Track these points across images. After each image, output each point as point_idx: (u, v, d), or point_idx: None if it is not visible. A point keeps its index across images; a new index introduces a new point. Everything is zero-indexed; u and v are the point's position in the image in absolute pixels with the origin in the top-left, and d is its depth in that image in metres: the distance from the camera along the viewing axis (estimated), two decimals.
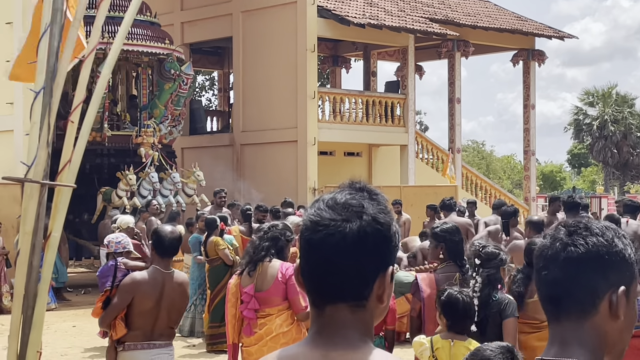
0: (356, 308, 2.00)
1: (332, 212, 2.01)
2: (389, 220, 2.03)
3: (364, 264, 1.99)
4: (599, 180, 60.82)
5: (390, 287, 2.04)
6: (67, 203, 2.88)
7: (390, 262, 2.04)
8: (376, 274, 2.00)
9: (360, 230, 1.98)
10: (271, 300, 7.30)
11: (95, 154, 20.47)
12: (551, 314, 2.09)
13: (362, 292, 1.99)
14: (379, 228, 2.00)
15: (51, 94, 2.74)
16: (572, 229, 2.08)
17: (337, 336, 1.99)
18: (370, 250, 1.99)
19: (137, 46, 20.67)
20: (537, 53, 31.30)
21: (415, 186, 25.89)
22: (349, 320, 1.99)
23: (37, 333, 2.82)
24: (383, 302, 2.02)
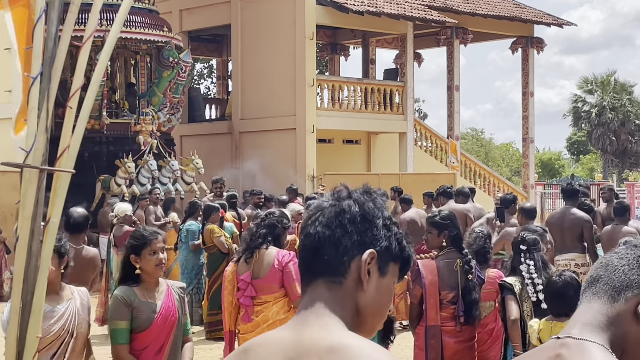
0: (332, 284, 2.05)
1: (327, 201, 2.15)
2: (375, 209, 2.11)
3: (338, 238, 2.06)
4: (598, 168, 60.87)
5: (377, 276, 2.08)
6: (66, 189, 2.89)
7: (371, 246, 2.07)
8: (352, 253, 2.06)
9: (339, 207, 2.09)
10: (268, 288, 7.31)
11: (93, 141, 20.45)
12: (585, 295, 2.19)
13: (337, 268, 2.05)
14: (357, 210, 2.09)
15: (49, 80, 2.74)
16: None
17: (312, 315, 2.04)
18: (346, 226, 2.07)
19: (136, 34, 20.63)
20: (535, 40, 31.27)
21: (414, 174, 25.90)
22: (324, 297, 2.05)
23: (37, 319, 2.83)
24: (364, 288, 2.06)
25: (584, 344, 2.06)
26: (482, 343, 7.49)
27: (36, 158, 2.75)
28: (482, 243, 7.77)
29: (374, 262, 2.07)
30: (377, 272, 2.08)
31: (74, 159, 2.85)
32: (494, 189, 30.28)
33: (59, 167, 2.80)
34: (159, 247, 5.53)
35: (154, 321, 5.45)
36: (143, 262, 5.47)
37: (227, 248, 12.79)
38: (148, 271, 5.50)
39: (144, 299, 5.46)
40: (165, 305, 5.52)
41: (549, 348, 2.12)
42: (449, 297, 6.99)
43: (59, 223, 2.97)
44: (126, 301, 5.40)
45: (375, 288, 2.08)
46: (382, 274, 2.10)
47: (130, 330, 5.43)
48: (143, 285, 5.52)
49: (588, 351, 2.05)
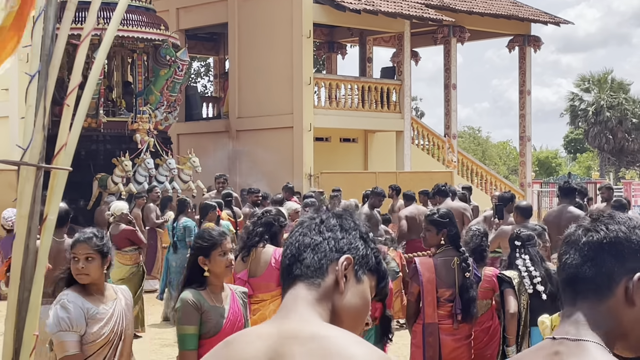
0: (311, 285, 2.17)
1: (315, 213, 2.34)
2: (352, 223, 2.27)
3: (317, 244, 2.21)
4: (595, 166, 60.93)
5: (353, 281, 2.19)
6: (63, 186, 2.88)
7: (348, 253, 2.20)
8: (330, 257, 2.20)
9: (318, 218, 2.26)
10: (265, 286, 7.32)
11: (90, 140, 20.44)
12: (568, 296, 2.15)
13: (315, 270, 2.18)
14: (335, 221, 2.25)
15: (47, 77, 2.74)
16: (595, 217, 2.17)
17: (291, 311, 2.14)
18: (324, 233, 2.23)
19: (133, 32, 20.62)
20: (532, 39, 31.28)
21: (411, 172, 25.90)
22: (303, 296, 2.16)
23: (34, 316, 2.83)
24: (341, 291, 2.17)
25: (581, 343, 2.05)
26: (479, 341, 7.50)
27: (33, 156, 2.75)
28: (479, 241, 7.78)
29: (350, 267, 2.19)
30: (354, 277, 2.20)
31: (71, 157, 2.84)
32: (491, 187, 30.30)
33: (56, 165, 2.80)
34: (228, 247, 5.30)
35: (223, 327, 5.17)
36: (213, 264, 5.21)
37: None
38: (217, 273, 5.24)
39: (212, 302, 5.20)
40: (232, 310, 5.27)
41: (545, 348, 2.10)
42: (446, 295, 7.00)
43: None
44: (196, 305, 5.13)
45: (351, 292, 2.19)
46: (358, 280, 2.21)
47: (198, 335, 5.17)
48: (210, 289, 5.24)
49: (587, 350, 2.03)
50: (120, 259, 12.64)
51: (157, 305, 14.68)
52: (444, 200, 14.35)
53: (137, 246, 12.75)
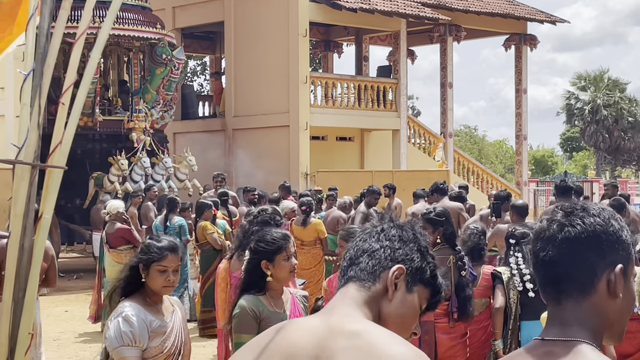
0: (361, 287, 2.29)
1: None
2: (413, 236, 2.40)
3: (374, 250, 2.34)
4: (591, 165, 60.99)
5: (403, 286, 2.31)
6: (58, 185, 2.88)
7: (402, 264, 2.32)
8: (384, 264, 2.31)
9: (380, 227, 2.39)
10: None
11: (86, 139, 20.42)
12: (550, 295, 2.12)
13: (368, 274, 2.31)
14: (395, 231, 2.38)
15: (42, 76, 2.73)
16: (569, 210, 2.13)
17: (339, 307, 2.26)
18: (382, 241, 2.35)
19: (129, 31, 20.59)
20: (529, 38, 31.30)
21: (408, 171, 25.89)
22: (352, 296, 2.27)
23: (29, 315, 2.82)
24: (389, 298, 2.29)
25: (571, 343, 2.03)
26: (476, 340, 7.51)
27: (28, 154, 2.74)
28: (477, 240, 7.78)
29: (402, 277, 2.31)
30: (405, 287, 2.32)
31: (66, 156, 2.84)
32: (487, 186, 30.31)
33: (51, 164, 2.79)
34: (292, 251, 5.05)
35: None
36: (276, 269, 4.97)
37: (220, 245, 12.79)
38: (281, 278, 5.02)
39: (272, 308, 4.96)
40: (293, 315, 5.01)
41: (535, 348, 2.08)
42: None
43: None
44: (255, 313, 4.90)
45: (400, 301, 2.30)
46: (408, 290, 2.33)
47: None
48: (270, 294, 5.00)
49: (578, 350, 2.02)
50: (116, 258, 12.63)
51: None
52: (441, 199, 14.34)
53: (132, 245, 12.73)
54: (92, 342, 12.48)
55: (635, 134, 54.73)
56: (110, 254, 12.66)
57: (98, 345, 12.20)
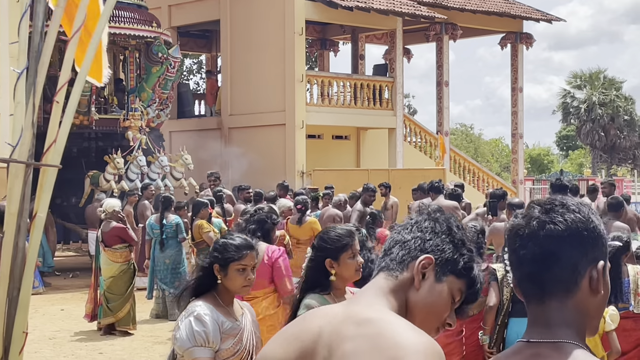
0: (389, 276, 2.33)
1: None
2: (446, 228, 2.41)
3: (405, 241, 2.38)
4: (587, 163, 61.02)
5: (432, 276, 2.33)
6: (53, 183, 2.87)
7: (431, 254, 2.34)
8: (413, 254, 2.35)
9: (415, 219, 2.43)
10: (257, 283, 7.30)
11: (82, 137, 20.40)
12: (532, 293, 2.07)
13: (397, 264, 2.34)
14: (428, 223, 2.41)
15: (36, 74, 2.72)
16: (548, 206, 2.08)
17: (363, 297, 2.32)
18: (414, 232, 2.39)
19: (125, 29, 20.57)
20: (524, 36, 31.31)
21: (404, 169, 25.89)
22: (379, 285, 2.33)
23: (23, 314, 2.82)
24: (416, 287, 2.32)
25: (559, 344, 2.00)
26: (475, 338, 7.51)
27: (22, 153, 2.73)
28: (475, 238, 7.78)
29: (430, 267, 2.33)
30: (434, 277, 2.33)
31: (60, 154, 2.83)
32: (483, 184, 30.33)
33: (45, 162, 2.78)
34: (358, 249, 4.84)
35: None
36: (342, 267, 4.74)
37: None
38: (346, 277, 4.80)
39: None
40: None
41: (521, 351, 2.04)
42: None
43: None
44: None
45: (428, 290, 2.33)
46: (437, 280, 2.34)
47: None
48: (334, 293, 4.75)
49: (566, 351, 1.99)
50: (111, 257, 12.63)
51: (148, 303, 14.66)
52: (437, 197, 14.36)
53: (127, 244, 12.73)
54: (88, 341, 12.47)
55: (631, 132, 54.80)
56: (105, 253, 12.65)
57: (94, 344, 12.20)
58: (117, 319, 12.74)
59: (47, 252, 18.28)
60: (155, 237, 14.14)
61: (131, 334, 12.83)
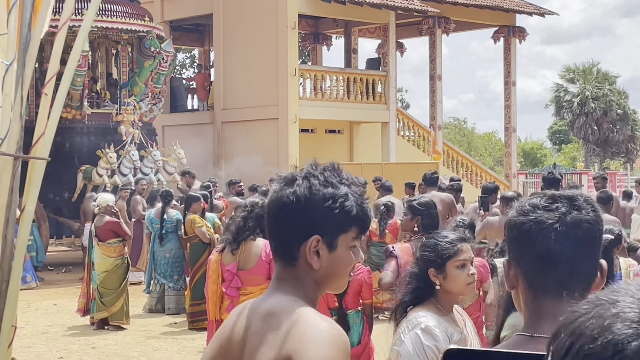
0: (287, 267, 2.29)
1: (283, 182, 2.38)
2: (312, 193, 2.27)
3: (285, 229, 2.29)
4: (580, 157, 61.08)
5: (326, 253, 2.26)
6: (42, 176, 2.85)
7: (315, 232, 2.25)
8: (299, 240, 2.26)
9: (281, 199, 2.30)
10: (254, 279, 7.31)
11: (75, 132, 20.35)
12: (553, 291, 2.06)
13: (288, 254, 2.28)
14: (293, 200, 2.27)
15: (24, 66, 2.71)
16: (576, 203, 2.07)
17: (273, 289, 2.29)
18: (287, 218, 2.28)
19: (117, 23, 20.52)
20: (517, 30, 31.30)
21: (397, 163, 25.91)
22: (282, 276, 2.29)
23: (12, 308, 2.80)
24: (312, 267, 2.24)
25: None
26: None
27: (10, 145, 2.72)
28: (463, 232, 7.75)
29: (320, 243, 2.26)
30: (326, 250, 2.27)
31: (49, 147, 2.82)
32: (476, 178, 30.34)
33: (34, 155, 2.77)
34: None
35: None
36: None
37: (209, 238, 12.78)
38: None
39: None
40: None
41: (520, 345, 2.02)
42: None
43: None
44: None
45: (327, 263, 2.27)
46: (331, 249, 2.28)
47: None
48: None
49: None
50: (105, 251, 12.62)
51: (141, 297, 14.66)
52: (431, 190, 14.34)
53: (121, 238, 12.72)
54: (80, 335, 12.45)
55: (624, 126, 54.83)
56: (99, 248, 12.63)
57: (87, 339, 12.19)
58: (111, 314, 12.73)
59: (41, 247, 18.24)
60: (155, 232, 14.17)
61: (124, 328, 12.82)
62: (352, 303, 7.00)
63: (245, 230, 7.31)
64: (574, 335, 1.15)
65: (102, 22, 20.00)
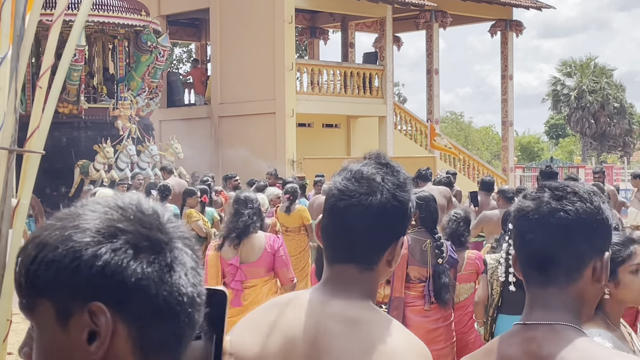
0: (365, 270, 2.21)
1: (358, 184, 2.23)
2: (407, 196, 2.23)
3: (379, 234, 2.20)
4: (577, 151, 61.14)
5: (399, 253, 2.24)
6: (36, 170, 2.85)
7: (403, 233, 2.26)
8: (389, 243, 2.22)
9: (380, 205, 2.19)
10: (257, 272, 7.34)
11: (72, 126, 20.34)
12: (535, 279, 2.08)
13: (373, 258, 2.21)
14: (396, 204, 2.21)
15: (18, 58, 2.70)
16: (559, 193, 2.07)
17: (341, 289, 2.19)
18: (386, 223, 2.20)
19: (113, 18, 20.51)
20: (514, 23, 31.29)
21: (394, 157, 25.82)
22: (356, 278, 2.20)
23: (7, 301, 2.80)
24: (391, 267, 2.24)
25: (556, 327, 2.01)
26: (462, 325, 7.50)
27: (5, 139, 2.71)
28: (455, 226, 7.74)
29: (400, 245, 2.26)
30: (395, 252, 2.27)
31: (43, 140, 2.81)
32: (473, 172, 30.34)
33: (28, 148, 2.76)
34: None
35: None
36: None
37: (205, 232, 12.78)
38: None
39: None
40: None
41: (517, 334, 2.05)
42: (415, 273, 6.97)
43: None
44: None
45: (395, 264, 2.28)
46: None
47: None
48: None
49: (563, 334, 2.00)
50: None
51: None
52: (425, 185, 14.33)
53: None
54: None
55: (621, 119, 54.90)
56: None
57: None
58: None
59: None
60: None
61: None
62: None
63: (249, 224, 7.36)
64: (40, 246, 1.30)
65: (98, 16, 19.99)
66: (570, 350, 1.96)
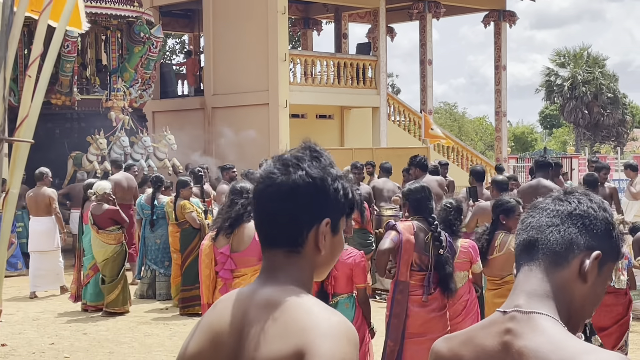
0: (290, 254, 2.18)
1: (273, 166, 2.22)
2: (323, 175, 2.18)
3: (296, 215, 2.16)
4: (570, 141, 61.20)
5: (330, 237, 2.18)
6: (25, 159, 2.84)
7: (327, 215, 2.18)
8: (310, 224, 2.16)
9: (293, 183, 2.16)
10: (247, 261, 7.34)
11: (65, 118, 20.29)
12: (524, 261, 2.13)
13: (295, 240, 2.17)
14: (310, 182, 2.16)
15: (6, 48, 2.69)
16: (569, 190, 2.18)
17: (269, 277, 2.18)
18: (302, 202, 2.16)
19: (106, 9, 20.45)
20: (508, 14, 31.28)
21: (388, 148, 25.89)
22: (282, 263, 2.18)
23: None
24: (321, 251, 2.18)
25: (533, 317, 2.03)
26: (457, 315, 7.52)
27: None
28: (446, 215, 7.75)
29: (327, 227, 2.18)
30: (330, 233, 2.20)
31: (32, 129, 2.80)
32: (467, 163, 30.36)
33: (18, 137, 2.75)
34: None
35: None
36: None
37: (199, 223, 12.78)
38: None
39: None
40: None
41: (496, 323, 2.08)
42: (417, 260, 7.00)
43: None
44: None
45: (330, 247, 2.20)
46: (334, 233, 2.21)
47: None
48: None
49: (538, 325, 2.01)
50: (105, 239, 12.61)
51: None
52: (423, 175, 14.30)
53: (120, 225, 12.74)
54: (72, 322, 12.45)
55: (615, 109, 54.91)
56: (99, 236, 12.61)
57: (78, 325, 12.18)
58: (108, 302, 12.76)
59: None
60: (146, 217, 14.18)
61: (127, 311, 12.90)
62: (343, 287, 7.02)
63: (242, 214, 7.35)
64: None
65: (91, 7, 19.91)
66: (544, 343, 1.99)
